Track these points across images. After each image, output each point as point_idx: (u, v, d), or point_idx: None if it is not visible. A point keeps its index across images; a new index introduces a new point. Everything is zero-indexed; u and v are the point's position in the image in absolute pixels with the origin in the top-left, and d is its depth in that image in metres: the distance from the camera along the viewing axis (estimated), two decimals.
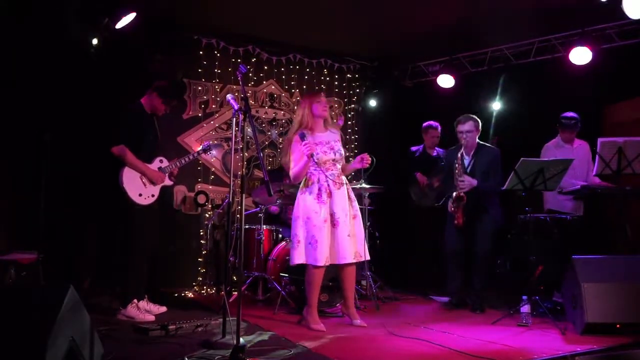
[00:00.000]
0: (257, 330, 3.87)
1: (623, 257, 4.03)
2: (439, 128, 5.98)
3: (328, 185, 3.98)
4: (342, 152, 4.13)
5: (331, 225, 3.95)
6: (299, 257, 3.93)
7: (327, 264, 3.91)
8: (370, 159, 3.99)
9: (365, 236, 4.20)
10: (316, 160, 3.90)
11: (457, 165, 4.63)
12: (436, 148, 6.00)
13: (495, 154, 4.75)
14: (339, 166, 4.08)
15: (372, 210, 5.54)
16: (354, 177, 4.68)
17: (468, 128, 4.67)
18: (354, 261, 3.99)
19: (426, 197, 5.80)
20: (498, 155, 4.75)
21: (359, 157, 4.02)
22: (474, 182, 4.57)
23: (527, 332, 3.90)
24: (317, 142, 3.99)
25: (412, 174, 5.92)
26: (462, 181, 4.56)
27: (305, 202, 3.96)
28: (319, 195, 3.95)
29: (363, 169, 4.20)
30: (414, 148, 6.10)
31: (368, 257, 4.10)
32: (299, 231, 3.95)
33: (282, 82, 6.64)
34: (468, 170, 4.68)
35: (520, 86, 6.14)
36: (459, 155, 4.66)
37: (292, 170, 4.00)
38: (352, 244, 3.96)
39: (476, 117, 4.76)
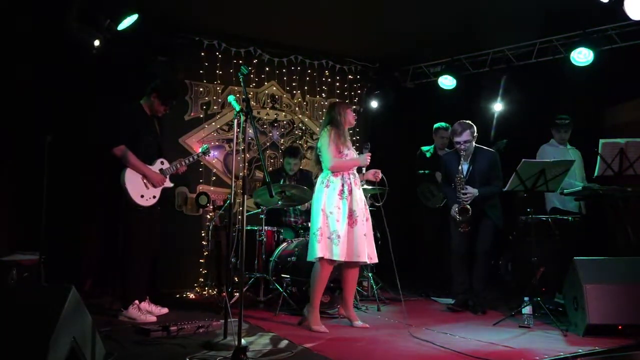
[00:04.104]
0: (258, 331, 3.87)
1: (625, 259, 4.02)
2: (450, 129, 5.93)
3: (350, 182, 4.04)
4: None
5: (349, 224, 3.97)
6: (321, 250, 3.88)
7: (344, 260, 3.91)
8: (381, 176, 4.21)
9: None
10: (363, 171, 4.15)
11: (457, 178, 4.61)
12: (446, 149, 5.95)
13: (494, 157, 4.74)
14: (355, 169, 4.17)
15: (373, 211, 5.51)
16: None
17: (466, 138, 4.63)
18: (367, 262, 4.00)
19: (435, 198, 5.77)
20: (497, 159, 4.74)
21: (372, 171, 4.20)
22: (476, 192, 4.57)
23: (529, 333, 3.91)
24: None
25: (421, 173, 5.83)
26: (465, 194, 4.55)
27: (328, 196, 3.99)
28: (342, 191, 3.99)
29: (376, 182, 4.30)
30: (425, 148, 6.00)
31: (377, 260, 4.16)
32: (322, 224, 3.93)
33: (284, 83, 6.64)
34: (467, 176, 4.65)
35: (521, 87, 6.13)
36: (459, 168, 4.63)
37: (339, 162, 4.03)
38: (366, 244, 3.98)
39: (471, 123, 4.69)
